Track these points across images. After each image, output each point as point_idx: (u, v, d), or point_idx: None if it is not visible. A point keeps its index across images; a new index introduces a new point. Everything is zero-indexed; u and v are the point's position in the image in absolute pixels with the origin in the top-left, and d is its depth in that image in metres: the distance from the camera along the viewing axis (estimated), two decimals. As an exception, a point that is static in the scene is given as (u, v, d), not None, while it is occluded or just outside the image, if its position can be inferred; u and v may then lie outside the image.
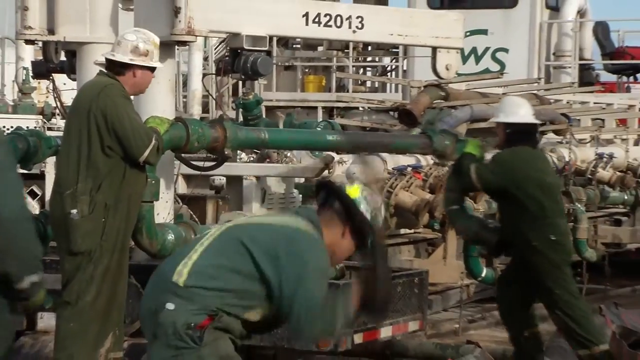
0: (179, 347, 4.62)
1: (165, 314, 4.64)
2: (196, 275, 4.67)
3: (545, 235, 8.06)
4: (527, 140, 8.29)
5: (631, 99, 16.35)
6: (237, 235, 4.73)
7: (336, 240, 4.78)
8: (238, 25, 7.93)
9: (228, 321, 4.66)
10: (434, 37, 9.16)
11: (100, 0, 7.90)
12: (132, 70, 6.78)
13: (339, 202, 4.78)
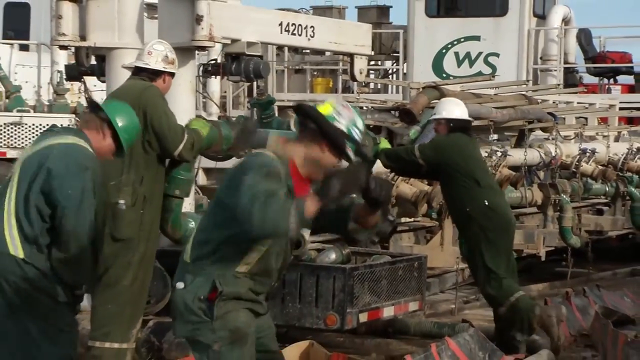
0: (195, 322, 4.60)
1: (176, 294, 4.65)
2: (194, 247, 4.66)
3: (479, 202, 8.13)
4: (465, 131, 8.50)
5: (611, 100, 16.34)
6: (216, 194, 4.74)
7: (318, 155, 4.68)
8: (239, 32, 7.98)
9: (232, 288, 4.58)
10: (354, 45, 9.27)
11: (128, 9, 7.90)
12: (162, 76, 6.99)
13: (312, 122, 4.69)
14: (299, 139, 4.73)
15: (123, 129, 5.49)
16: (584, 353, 8.44)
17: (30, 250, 5.19)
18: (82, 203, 5.19)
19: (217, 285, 4.54)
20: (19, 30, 15.48)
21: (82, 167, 5.27)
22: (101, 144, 5.46)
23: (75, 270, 5.26)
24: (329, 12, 18.18)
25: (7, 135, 12.41)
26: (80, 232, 5.19)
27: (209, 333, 4.57)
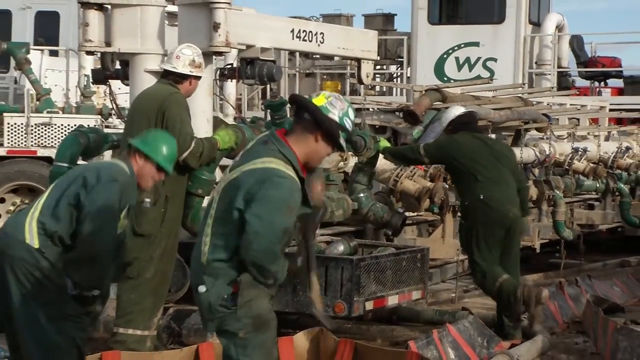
0: (221, 316, 4.61)
1: (201, 297, 4.62)
2: (211, 251, 4.59)
3: (475, 196, 8.12)
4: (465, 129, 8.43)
5: (602, 102, 16.31)
6: (225, 196, 4.59)
7: (312, 146, 4.63)
8: (254, 39, 7.98)
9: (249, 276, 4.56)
10: (361, 50, 9.28)
11: (149, 17, 7.90)
12: (189, 79, 6.96)
13: (307, 112, 4.63)
14: (294, 128, 4.67)
15: (166, 161, 5.68)
16: (576, 339, 8.41)
17: (45, 242, 5.24)
18: (104, 211, 5.25)
19: (236, 279, 4.54)
20: (49, 37, 15.48)
21: (111, 179, 5.35)
22: (143, 171, 5.61)
23: (85, 272, 5.30)
24: (337, 20, 18.19)
25: (37, 135, 12.42)
26: (97, 239, 5.24)
27: (234, 322, 4.57)
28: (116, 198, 5.30)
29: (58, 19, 15.88)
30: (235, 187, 4.55)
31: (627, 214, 13.26)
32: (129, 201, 5.44)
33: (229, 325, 4.58)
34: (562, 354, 7.81)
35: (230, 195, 4.55)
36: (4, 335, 5.48)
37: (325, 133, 4.61)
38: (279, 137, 4.63)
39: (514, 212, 8.26)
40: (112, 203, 5.29)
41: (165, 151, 5.66)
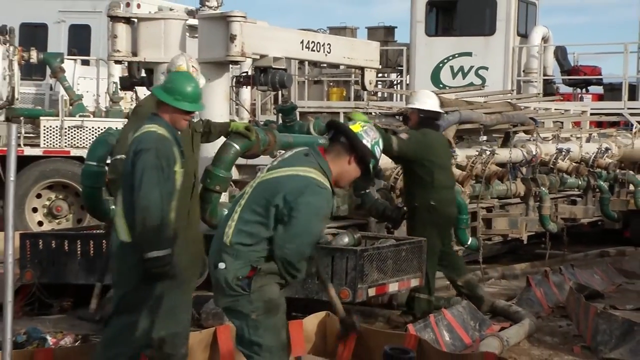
0: (234, 295, 4.62)
1: (219, 272, 4.64)
2: (237, 234, 4.62)
3: (426, 200, 8.03)
4: (433, 124, 8.34)
5: (584, 107, 16.28)
6: (263, 192, 4.63)
7: (344, 167, 4.70)
8: (267, 49, 7.96)
9: (268, 266, 4.61)
10: (365, 59, 9.25)
11: (172, 29, 7.89)
12: None
13: (344, 137, 4.70)
14: (330, 149, 4.73)
15: (190, 103, 5.53)
16: (560, 322, 8.38)
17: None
18: (142, 179, 5.25)
19: (255, 265, 4.58)
20: (81, 48, 15.50)
21: (144, 149, 5.32)
22: (174, 118, 5.50)
23: (143, 237, 5.27)
24: (343, 32, 18.17)
25: (70, 137, 12.43)
26: (141, 204, 5.24)
27: (247, 304, 4.59)
28: (152, 164, 5.27)
29: (89, 31, 15.90)
30: (273, 186, 4.60)
31: (606, 209, 13.24)
32: (169, 155, 5.36)
33: (242, 306, 4.61)
34: (547, 336, 7.79)
35: (268, 192, 4.59)
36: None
37: (359, 157, 4.69)
38: (319, 152, 4.70)
39: (455, 212, 8.49)
40: (148, 171, 5.26)
41: (187, 93, 5.49)
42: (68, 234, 8.31)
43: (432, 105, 8.28)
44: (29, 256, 7.96)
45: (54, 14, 16.08)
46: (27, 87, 14.79)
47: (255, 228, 4.58)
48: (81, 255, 7.85)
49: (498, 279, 10.72)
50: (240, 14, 7.68)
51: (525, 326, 7.70)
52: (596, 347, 7.24)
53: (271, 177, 4.67)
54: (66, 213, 12.51)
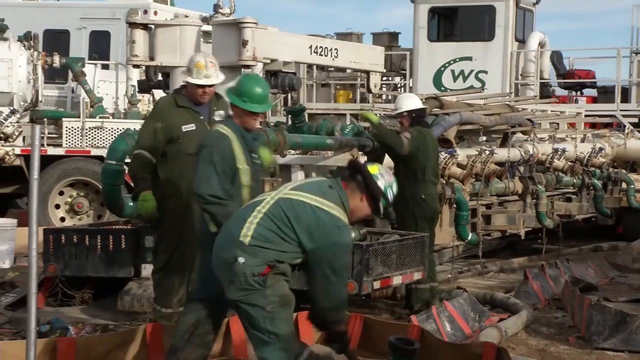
0: (248, 289, 4.72)
1: (238, 266, 4.71)
2: (257, 238, 4.74)
3: (417, 194, 8.03)
4: (422, 121, 8.35)
5: (578, 108, 16.21)
6: (285, 210, 4.77)
7: (357, 203, 4.89)
8: (277, 53, 7.95)
9: (283, 268, 4.77)
10: (370, 64, 9.25)
11: (187, 35, 7.89)
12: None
13: (361, 176, 4.88)
14: (348, 184, 4.90)
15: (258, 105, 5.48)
16: (555, 314, 8.35)
17: None
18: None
19: (272, 265, 4.71)
20: (101, 53, 15.52)
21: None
22: (243, 119, 5.48)
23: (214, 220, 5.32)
24: (349, 37, 18.14)
25: (91, 137, 12.45)
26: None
27: (262, 298, 4.72)
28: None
29: (109, 37, 15.92)
30: (294, 209, 4.75)
31: (600, 206, 13.20)
32: (225, 152, 5.35)
33: (256, 300, 4.72)
34: (544, 327, 7.77)
35: (291, 212, 4.74)
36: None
37: (370, 196, 4.87)
38: (342, 187, 4.88)
39: (439, 209, 8.57)
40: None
41: (254, 94, 5.44)
42: (89, 230, 8.32)
43: (417, 104, 8.32)
44: (51, 250, 7.97)
45: (76, 20, 16.10)
46: (50, 90, 14.81)
47: (274, 237, 4.75)
48: (101, 250, 7.86)
49: (497, 272, 10.70)
50: (251, 21, 7.67)
51: (522, 317, 7.68)
52: (590, 337, 7.22)
53: (296, 198, 4.80)
54: (87, 209, 12.52)
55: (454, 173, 9.89)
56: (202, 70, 6.40)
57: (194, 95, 6.48)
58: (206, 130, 6.21)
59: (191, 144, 6.18)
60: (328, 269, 4.72)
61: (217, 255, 4.88)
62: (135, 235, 7.80)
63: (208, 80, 6.42)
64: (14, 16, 15.04)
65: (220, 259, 4.83)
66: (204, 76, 6.41)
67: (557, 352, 7.00)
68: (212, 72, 6.44)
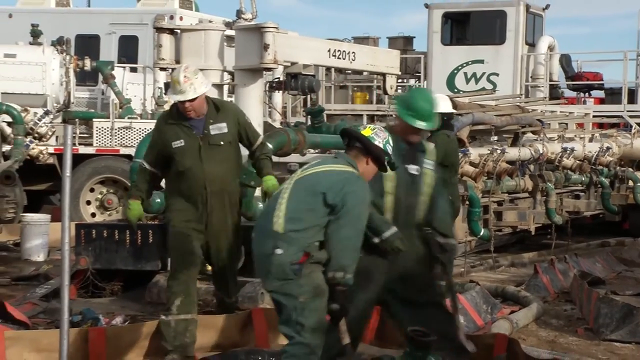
0: (286, 279, 4.67)
1: (276, 257, 4.68)
2: (288, 222, 4.68)
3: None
4: (449, 124, 8.16)
5: (586, 109, 16.11)
6: (305, 185, 4.76)
7: (364, 167, 4.91)
8: (297, 57, 7.94)
9: (318, 255, 4.69)
10: (386, 66, 9.20)
11: (211, 40, 7.90)
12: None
13: (359, 142, 4.89)
14: (348, 154, 4.92)
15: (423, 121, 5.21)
16: (564, 306, 8.30)
17: None
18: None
19: (308, 252, 4.65)
20: (130, 56, 15.59)
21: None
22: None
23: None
24: (365, 41, 18.10)
25: (120, 137, 12.50)
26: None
27: (297, 288, 4.65)
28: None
29: (137, 41, 15.98)
30: (315, 179, 4.75)
31: (607, 202, 13.13)
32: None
33: (291, 289, 4.66)
34: (553, 319, 7.72)
35: (311, 183, 4.73)
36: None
37: (375, 157, 4.89)
38: (346, 155, 4.93)
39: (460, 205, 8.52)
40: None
41: (421, 110, 5.18)
42: (118, 225, 8.35)
43: (449, 107, 8.08)
44: (83, 244, 8.00)
45: (106, 26, 16.17)
46: (81, 92, 14.89)
47: (305, 214, 4.68)
48: (129, 244, 7.88)
49: (508, 266, 10.65)
50: (273, 25, 7.67)
51: (533, 310, 7.64)
52: (598, 329, 7.18)
53: (309, 173, 4.81)
54: (116, 206, 12.58)
55: (467, 171, 9.84)
56: (176, 86, 5.91)
57: (181, 110, 5.99)
58: (196, 145, 5.91)
59: (182, 161, 5.94)
60: (348, 218, 4.63)
61: (256, 250, 4.84)
62: (162, 230, 7.81)
63: (182, 96, 5.87)
64: (47, 22, 15.13)
65: (259, 252, 4.79)
66: (178, 92, 5.89)
67: (566, 343, 6.96)
68: (187, 87, 5.86)
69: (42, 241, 10.43)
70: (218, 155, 6.02)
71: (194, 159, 5.95)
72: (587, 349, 6.76)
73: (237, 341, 6.22)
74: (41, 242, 10.43)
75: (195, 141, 5.96)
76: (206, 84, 6.00)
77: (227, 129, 6.03)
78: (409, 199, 5.21)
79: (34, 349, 5.52)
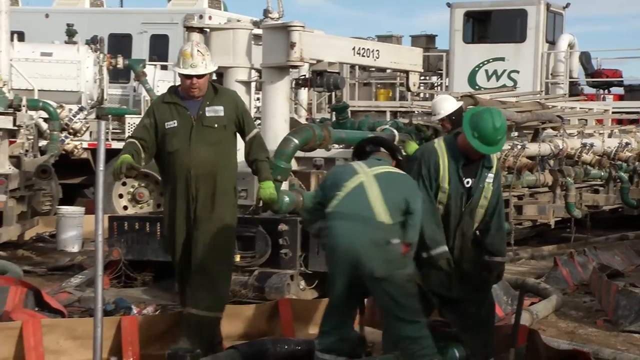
0: (398, 268, 4.88)
1: (392, 246, 4.88)
2: (390, 214, 4.89)
3: None
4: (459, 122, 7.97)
5: (606, 106, 15.98)
6: (389, 180, 5.00)
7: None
8: (323, 55, 7.92)
9: (412, 252, 4.96)
10: (409, 64, 9.15)
11: (239, 38, 7.90)
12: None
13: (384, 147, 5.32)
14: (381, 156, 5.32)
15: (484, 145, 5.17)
16: (584, 298, 8.24)
17: None
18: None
19: (407, 242, 4.92)
20: (160, 55, 15.64)
21: (412, 158, 5.63)
22: (466, 148, 5.19)
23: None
24: (389, 40, 18.05)
25: (151, 132, 12.52)
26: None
27: (405, 275, 4.88)
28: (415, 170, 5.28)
29: (167, 40, 16.04)
30: (391, 178, 5.04)
31: (626, 197, 13.01)
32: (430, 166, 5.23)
33: (400, 277, 4.86)
34: (573, 311, 7.67)
35: (392, 182, 5.01)
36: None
37: (397, 162, 5.34)
38: (386, 159, 5.29)
39: None
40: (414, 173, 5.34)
41: (485, 133, 5.04)
42: (149, 217, 8.39)
43: (454, 105, 7.83)
44: (116, 236, 8.05)
45: (138, 25, 16.24)
46: (114, 89, 14.97)
47: (399, 207, 4.91)
48: (160, 236, 7.91)
49: (528, 259, 10.58)
50: (299, 24, 7.65)
51: (552, 301, 7.59)
52: (617, 320, 7.12)
53: (383, 172, 5.07)
54: (147, 199, 12.65)
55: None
56: (187, 59, 5.52)
57: (184, 88, 5.61)
58: (188, 126, 5.52)
59: (172, 142, 5.55)
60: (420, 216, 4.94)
61: (355, 238, 4.86)
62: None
63: (193, 70, 5.51)
64: (82, 22, 15.24)
65: (364, 241, 4.84)
66: (189, 65, 5.52)
67: (586, 334, 6.91)
68: (199, 61, 5.51)
69: (76, 233, 10.51)
70: (210, 137, 5.54)
71: (183, 140, 5.51)
72: (606, 340, 6.70)
73: (264, 330, 6.23)
74: (76, 234, 10.51)
75: (188, 122, 5.54)
76: (215, 63, 5.72)
77: (224, 113, 5.59)
78: (459, 210, 5.21)
79: (69, 337, 5.56)
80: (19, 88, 11.72)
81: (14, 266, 7.99)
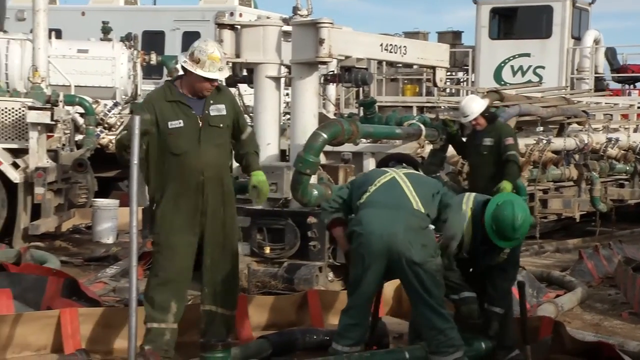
0: (433, 256, 4.92)
1: (431, 232, 5.02)
2: (423, 205, 4.98)
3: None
4: (494, 115, 8.27)
5: (631, 101, 15.79)
6: (419, 179, 5.15)
7: None
8: (351, 51, 7.88)
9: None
10: (436, 60, 9.07)
11: (270, 34, 7.89)
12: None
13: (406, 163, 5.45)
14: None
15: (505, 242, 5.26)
16: (609, 291, 8.15)
17: None
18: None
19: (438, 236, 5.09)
20: (192, 51, 15.68)
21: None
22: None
23: None
24: (416, 36, 17.95)
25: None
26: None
27: (437, 265, 4.92)
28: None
29: (199, 37, 16.06)
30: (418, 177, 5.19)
31: (651, 191, 12.86)
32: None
33: (432, 264, 4.89)
34: (598, 303, 7.59)
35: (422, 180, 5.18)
36: None
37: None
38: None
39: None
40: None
41: (506, 231, 5.07)
42: (182, 210, 8.38)
43: (482, 104, 8.17)
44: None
45: (170, 22, 16.32)
46: (147, 85, 14.99)
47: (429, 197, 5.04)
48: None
49: (553, 252, 10.49)
50: (328, 21, 7.62)
51: (577, 294, 7.51)
52: (642, 313, 7.02)
53: (411, 172, 5.21)
54: (180, 192, 12.67)
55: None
56: (215, 63, 5.20)
57: (199, 88, 5.27)
58: (196, 126, 5.22)
59: (177, 143, 5.22)
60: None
61: (395, 223, 4.87)
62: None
63: (221, 75, 5.27)
64: (117, 19, 15.34)
65: (402, 227, 4.85)
66: (217, 69, 5.22)
67: (611, 326, 6.83)
68: (224, 64, 5.29)
69: (111, 224, 10.59)
70: (216, 138, 5.28)
71: (191, 141, 5.20)
72: (632, 332, 6.62)
73: (293, 321, 6.24)
74: (111, 226, 10.58)
75: (195, 122, 5.21)
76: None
77: (226, 111, 5.33)
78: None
79: (105, 325, 5.61)
80: (57, 84, 11.80)
81: (52, 257, 8.07)
